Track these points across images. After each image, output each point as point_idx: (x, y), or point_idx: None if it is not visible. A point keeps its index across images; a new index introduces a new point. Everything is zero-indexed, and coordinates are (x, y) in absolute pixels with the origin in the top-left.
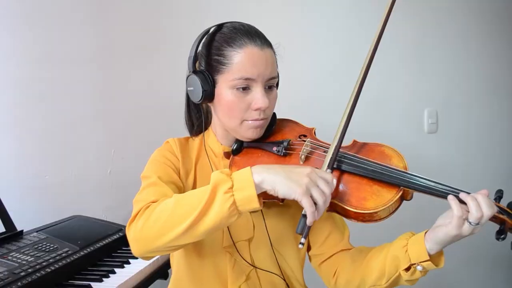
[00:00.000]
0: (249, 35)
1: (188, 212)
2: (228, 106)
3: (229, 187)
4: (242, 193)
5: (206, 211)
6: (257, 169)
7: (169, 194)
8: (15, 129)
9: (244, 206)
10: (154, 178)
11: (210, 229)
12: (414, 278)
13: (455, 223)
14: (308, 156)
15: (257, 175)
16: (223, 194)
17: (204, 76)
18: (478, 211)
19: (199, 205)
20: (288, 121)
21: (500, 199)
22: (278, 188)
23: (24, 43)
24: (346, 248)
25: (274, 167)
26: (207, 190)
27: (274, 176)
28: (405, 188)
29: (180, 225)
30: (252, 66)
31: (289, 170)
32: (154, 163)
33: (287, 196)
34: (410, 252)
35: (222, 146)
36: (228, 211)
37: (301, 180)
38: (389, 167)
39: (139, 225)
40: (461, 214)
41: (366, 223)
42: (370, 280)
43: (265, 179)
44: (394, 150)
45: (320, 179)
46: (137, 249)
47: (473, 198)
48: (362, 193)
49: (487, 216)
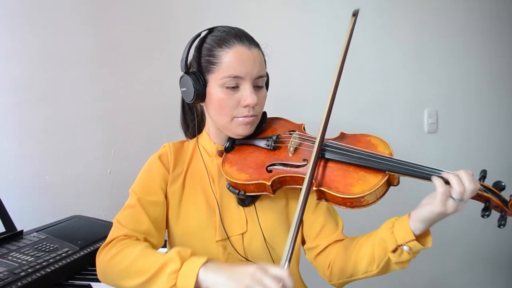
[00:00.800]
0: (237, 36)
1: (140, 273)
2: (218, 104)
3: (175, 269)
4: (183, 281)
5: (151, 281)
6: (209, 266)
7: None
8: (15, 129)
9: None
10: (135, 199)
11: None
12: (402, 260)
13: (439, 199)
14: (297, 148)
15: (204, 271)
16: (168, 274)
17: (196, 77)
18: (460, 185)
19: (149, 271)
20: (278, 119)
21: (484, 179)
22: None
23: (24, 43)
24: (340, 238)
25: (223, 268)
26: (159, 261)
27: (218, 277)
28: (391, 172)
29: (131, 281)
30: (240, 65)
31: (234, 271)
32: (142, 177)
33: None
34: (396, 233)
35: (216, 145)
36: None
37: (243, 280)
38: (374, 153)
39: (106, 258)
40: (444, 190)
41: (355, 208)
42: (361, 267)
43: (207, 278)
44: (380, 139)
45: (266, 277)
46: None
47: (454, 174)
48: (349, 180)
49: (470, 191)
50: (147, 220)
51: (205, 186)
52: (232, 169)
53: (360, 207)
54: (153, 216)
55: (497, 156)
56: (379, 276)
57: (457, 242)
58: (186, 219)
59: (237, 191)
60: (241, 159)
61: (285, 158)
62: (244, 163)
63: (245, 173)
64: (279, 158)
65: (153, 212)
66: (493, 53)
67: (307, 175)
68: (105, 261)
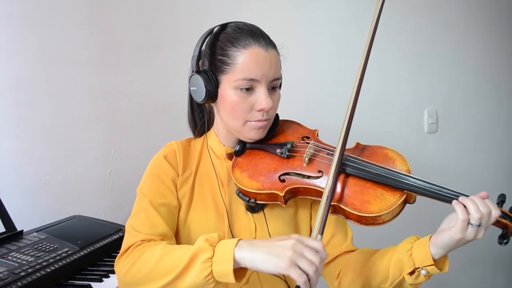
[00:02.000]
0: (253, 35)
1: (167, 271)
2: (231, 106)
3: (208, 257)
4: (220, 267)
5: (183, 275)
6: (242, 244)
7: (158, 224)
8: (15, 129)
9: (220, 278)
10: (146, 202)
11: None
12: (418, 282)
13: (459, 226)
14: (311, 159)
15: (239, 251)
16: (201, 263)
17: (208, 76)
18: (477, 211)
19: (178, 267)
20: (291, 122)
21: (502, 204)
22: (258, 265)
23: (24, 43)
24: (350, 249)
25: (258, 244)
26: (188, 254)
27: (255, 254)
28: (409, 192)
29: (159, 281)
30: (256, 67)
31: (272, 245)
32: (150, 177)
33: (271, 272)
34: (415, 256)
35: (225, 147)
36: (204, 280)
37: (285, 254)
38: (393, 171)
39: (125, 267)
40: (466, 218)
41: (370, 226)
42: (374, 282)
43: (245, 257)
44: (398, 153)
45: (306, 248)
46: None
47: (471, 200)
48: (366, 197)
49: (486, 215)
50: (163, 222)
51: (214, 190)
52: (243, 175)
53: (375, 225)
54: (165, 216)
55: (497, 156)
56: None
57: None
58: (194, 223)
59: (247, 199)
60: (252, 165)
61: (299, 168)
62: (255, 169)
63: (256, 181)
64: (292, 167)
65: (165, 213)
66: (493, 53)
67: (325, 191)
68: (124, 270)
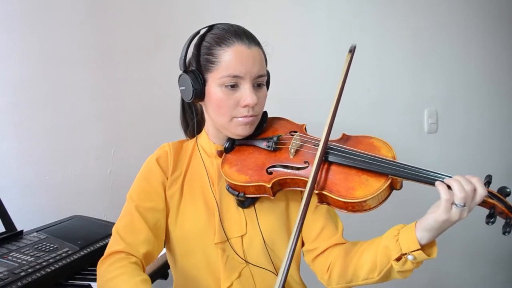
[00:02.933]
0: (236, 34)
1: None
2: (217, 103)
3: None
4: None
5: None
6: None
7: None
8: (15, 129)
9: None
10: (132, 207)
11: None
12: (405, 269)
13: (443, 206)
14: (298, 150)
15: None
16: None
17: (195, 75)
18: (462, 191)
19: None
20: (279, 119)
21: (489, 184)
22: None
23: (24, 43)
24: (340, 242)
25: None
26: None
27: None
28: (393, 176)
29: None
30: (240, 64)
31: None
32: (139, 180)
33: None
34: (401, 242)
35: (215, 145)
36: None
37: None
38: (377, 157)
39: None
40: (449, 197)
41: (357, 212)
42: (362, 273)
43: None
44: (383, 141)
45: None
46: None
47: (455, 179)
48: (351, 183)
49: (470, 192)
50: (145, 227)
51: (204, 188)
52: (232, 170)
53: (362, 211)
54: (151, 222)
55: (497, 156)
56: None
57: (457, 241)
58: (184, 222)
59: (237, 193)
60: (241, 160)
61: (285, 159)
62: (244, 164)
63: (244, 175)
64: (279, 159)
65: (151, 219)
66: (493, 53)
67: (310, 178)
68: (103, 280)
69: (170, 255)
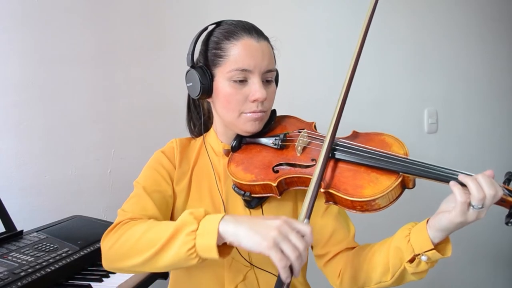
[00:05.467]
0: (245, 28)
1: (151, 244)
2: (225, 98)
3: (192, 229)
4: (203, 240)
5: (166, 248)
6: (227, 219)
7: (149, 207)
8: (15, 129)
9: (203, 253)
10: (140, 188)
11: (168, 266)
12: (420, 270)
13: (459, 209)
14: (305, 147)
15: (224, 225)
16: (185, 236)
17: (202, 70)
18: (480, 192)
19: (161, 240)
20: (288, 117)
21: (509, 182)
22: (242, 241)
23: (24, 43)
24: (351, 246)
25: (244, 220)
26: (172, 227)
27: (239, 229)
28: (405, 174)
29: (142, 255)
30: (249, 57)
31: (258, 223)
32: (147, 169)
33: (253, 250)
34: (413, 242)
35: (223, 144)
36: (186, 253)
37: (268, 233)
38: (387, 153)
39: (110, 242)
40: (465, 200)
41: (366, 212)
42: (375, 276)
43: (229, 230)
44: (395, 138)
45: (293, 232)
46: (105, 263)
47: (473, 179)
48: (359, 181)
49: (490, 197)
50: (153, 206)
51: (211, 187)
52: (238, 169)
53: (371, 211)
54: (158, 203)
55: (497, 156)
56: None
57: (458, 240)
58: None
59: (243, 192)
60: (247, 158)
61: (292, 157)
62: (250, 162)
63: (250, 173)
64: (286, 157)
65: (158, 200)
66: (493, 53)
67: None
68: (109, 245)
69: None
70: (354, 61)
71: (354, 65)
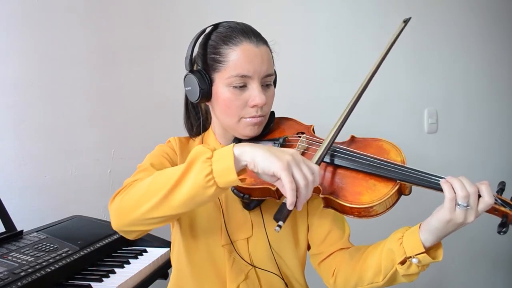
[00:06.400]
0: (244, 33)
1: (165, 183)
2: (225, 103)
3: (207, 157)
4: (220, 164)
5: (182, 180)
6: (240, 144)
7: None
8: (15, 129)
9: (221, 178)
10: (147, 165)
11: (185, 200)
12: (411, 272)
13: (447, 206)
14: (304, 152)
15: (238, 148)
16: (201, 163)
17: (201, 75)
18: (463, 190)
19: (175, 174)
20: (286, 119)
21: (502, 192)
22: (257, 160)
23: (24, 43)
24: (345, 246)
25: (258, 144)
26: (185, 163)
27: (255, 150)
28: (402, 182)
29: (156, 196)
30: (248, 63)
31: (272, 148)
32: (151, 155)
33: (266, 170)
34: (405, 245)
35: (221, 145)
36: (204, 180)
37: (283, 156)
38: (385, 161)
39: (118, 199)
40: (453, 196)
41: (363, 218)
42: (367, 277)
43: (245, 151)
44: (392, 144)
45: (304, 163)
46: (115, 221)
47: (458, 179)
48: (358, 188)
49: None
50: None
51: None
52: None
53: (368, 217)
54: None
55: (497, 156)
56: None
57: (456, 241)
58: (190, 221)
59: (242, 195)
60: None
61: None
62: None
63: (250, 177)
64: None
65: None
66: (493, 53)
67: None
68: (118, 200)
69: (175, 247)
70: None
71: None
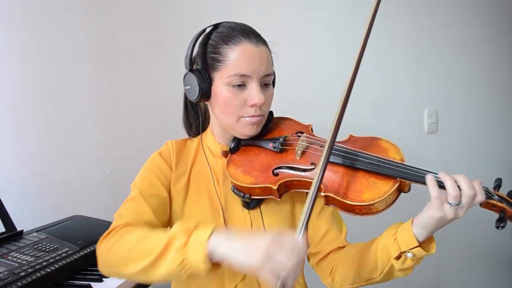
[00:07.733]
0: (244, 33)
1: (144, 255)
2: (224, 103)
3: (182, 244)
4: (192, 255)
5: (158, 261)
6: (218, 236)
7: (145, 212)
8: (15, 129)
9: (192, 269)
10: (136, 192)
11: (163, 279)
12: (406, 266)
13: (434, 204)
14: (304, 152)
15: (214, 240)
16: (174, 252)
17: (201, 74)
18: (455, 189)
19: (153, 253)
20: (285, 119)
21: (499, 188)
22: (231, 259)
23: (24, 43)
24: (342, 245)
25: (234, 237)
26: (163, 241)
27: (229, 248)
28: (402, 179)
29: (136, 265)
30: (247, 63)
31: (247, 242)
32: (144, 172)
33: (242, 267)
34: (399, 240)
35: (220, 145)
36: (177, 268)
37: (257, 254)
38: (385, 159)
39: (105, 249)
40: (437, 195)
41: (364, 215)
42: (364, 273)
43: (218, 249)
44: (391, 143)
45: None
46: (101, 269)
47: (450, 177)
48: (359, 186)
49: (469, 197)
50: (149, 210)
51: (209, 187)
52: (237, 171)
53: (369, 214)
54: (155, 207)
55: (497, 156)
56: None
57: (456, 241)
58: (189, 220)
59: (242, 194)
60: (246, 160)
61: (292, 161)
62: (249, 165)
63: (250, 176)
64: (285, 161)
65: (155, 204)
66: (493, 53)
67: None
68: (106, 250)
69: None
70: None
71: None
